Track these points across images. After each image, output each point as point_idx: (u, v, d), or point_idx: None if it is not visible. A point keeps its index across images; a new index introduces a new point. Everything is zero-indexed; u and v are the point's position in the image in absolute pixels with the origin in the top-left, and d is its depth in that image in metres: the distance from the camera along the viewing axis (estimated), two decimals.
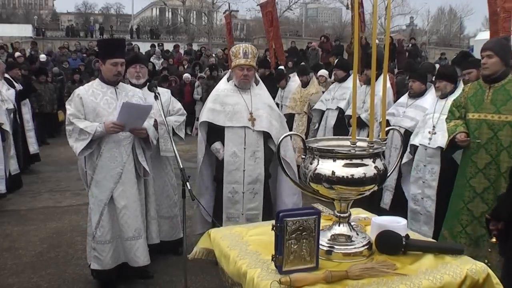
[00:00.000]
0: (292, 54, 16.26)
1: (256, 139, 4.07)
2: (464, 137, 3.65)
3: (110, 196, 3.70)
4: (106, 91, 3.73)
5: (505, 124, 3.50)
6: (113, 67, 3.66)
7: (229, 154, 4.06)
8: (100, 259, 3.73)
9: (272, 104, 4.31)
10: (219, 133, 4.11)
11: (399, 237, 2.13)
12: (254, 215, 4.08)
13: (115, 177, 3.69)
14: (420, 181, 4.49)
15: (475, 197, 3.63)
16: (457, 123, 3.76)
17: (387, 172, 2.15)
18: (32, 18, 48.25)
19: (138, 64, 4.32)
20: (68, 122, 3.65)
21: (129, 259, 3.79)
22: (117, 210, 3.71)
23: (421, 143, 4.46)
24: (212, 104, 4.16)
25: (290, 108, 7.79)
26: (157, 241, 4.13)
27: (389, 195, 5.20)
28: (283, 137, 2.30)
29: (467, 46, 27.50)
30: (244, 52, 4.06)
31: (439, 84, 4.55)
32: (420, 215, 4.48)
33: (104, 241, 3.72)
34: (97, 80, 3.82)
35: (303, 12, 54.47)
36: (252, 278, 1.95)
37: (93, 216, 3.74)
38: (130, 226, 3.73)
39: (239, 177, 4.05)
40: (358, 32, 2.25)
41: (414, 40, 19.16)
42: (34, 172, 8.36)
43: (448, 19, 53.26)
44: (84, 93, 3.69)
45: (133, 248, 3.75)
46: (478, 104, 3.66)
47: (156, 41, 25.15)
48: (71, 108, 3.66)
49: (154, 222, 4.12)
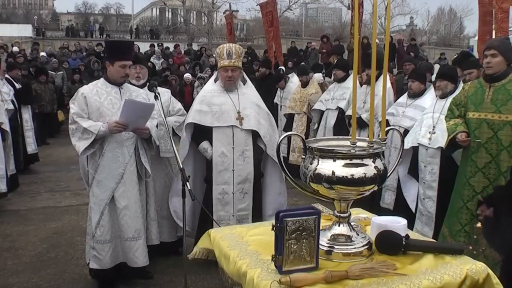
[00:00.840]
0: (292, 54, 16.28)
1: (244, 138, 4.06)
2: (465, 137, 3.64)
3: (111, 196, 3.70)
4: (111, 91, 3.74)
5: (505, 123, 3.50)
6: (122, 69, 3.69)
7: (218, 155, 4.03)
8: (99, 259, 3.73)
9: (260, 102, 4.27)
10: (206, 134, 4.08)
11: (399, 237, 2.13)
12: (244, 216, 4.07)
13: (116, 177, 3.69)
14: (422, 181, 4.48)
15: (475, 196, 3.63)
16: (457, 122, 3.75)
17: (387, 172, 2.15)
18: (32, 18, 48.20)
19: (138, 64, 4.26)
20: (71, 120, 3.65)
21: (128, 259, 3.79)
22: (118, 210, 3.71)
23: (421, 143, 4.45)
24: (199, 106, 4.11)
25: (290, 108, 7.79)
26: (157, 242, 4.10)
27: (391, 195, 5.20)
28: (283, 137, 2.29)
29: (467, 46, 27.49)
30: (228, 53, 4.02)
31: (440, 83, 4.52)
32: (422, 215, 4.48)
33: (103, 240, 3.72)
34: (101, 80, 3.81)
35: (303, 12, 54.46)
36: (252, 278, 1.95)
37: (93, 215, 3.74)
38: (130, 226, 3.73)
39: (228, 177, 4.03)
40: (359, 32, 2.25)
41: (414, 40, 19.13)
42: (33, 172, 8.36)
43: (448, 19, 53.24)
44: (88, 92, 3.69)
45: (132, 248, 3.75)
46: (479, 103, 3.65)
47: (156, 41, 25.16)
48: (74, 107, 3.66)
49: (154, 223, 4.06)
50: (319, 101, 7.08)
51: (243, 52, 4.39)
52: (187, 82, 13.27)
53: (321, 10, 65.36)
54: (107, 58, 3.85)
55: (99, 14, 65.31)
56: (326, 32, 30.98)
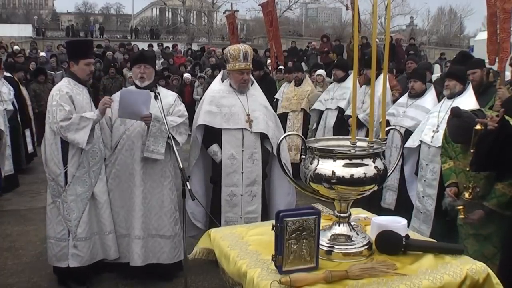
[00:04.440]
0: (292, 54, 16.26)
1: (253, 140, 4.05)
2: (453, 192, 3.52)
3: (92, 192, 3.76)
4: (83, 90, 3.84)
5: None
6: (87, 67, 3.81)
7: (227, 157, 4.01)
8: (80, 256, 3.74)
9: (266, 104, 4.27)
10: (215, 135, 4.06)
11: (399, 237, 2.13)
12: (253, 219, 4.05)
13: (96, 172, 3.78)
14: (422, 179, 4.49)
15: None
16: (451, 167, 3.62)
17: (387, 172, 2.15)
18: (32, 18, 48.20)
19: (143, 64, 3.92)
20: (63, 118, 3.57)
21: (107, 254, 3.87)
22: (99, 205, 3.80)
23: (423, 141, 4.44)
24: (209, 106, 4.08)
25: (283, 107, 7.80)
26: (138, 263, 3.83)
27: (392, 195, 5.21)
28: (282, 137, 2.29)
29: (467, 46, 27.46)
30: (244, 56, 3.98)
31: (449, 83, 4.44)
32: (420, 213, 4.49)
33: (85, 237, 3.75)
34: (70, 79, 3.80)
35: (303, 12, 54.51)
36: (252, 278, 1.95)
37: (72, 214, 3.73)
38: (111, 220, 3.85)
39: (237, 179, 4.02)
40: (358, 32, 2.25)
41: (413, 40, 19.15)
42: (33, 172, 8.35)
43: (448, 19, 53.24)
44: (70, 91, 3.73)
45: (112, 241, 3.85)
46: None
47: (156, 41, 25.16)
48: (66, 105, 3.62)
49: (139, 242, 3.83)
50: (318, 101, 7.08)
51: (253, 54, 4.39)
52: (187, 82, 13.27)
53: (321, 10, 65.36)
54: (70, 58, 3.98)
55: (99, 14, 65.31)
56: (326, 32, 30.96)
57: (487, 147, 2.71)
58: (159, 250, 3.91)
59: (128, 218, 3.88)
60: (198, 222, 4.25)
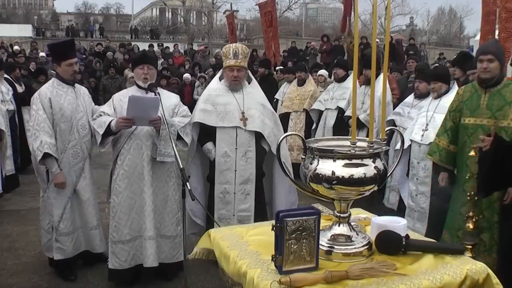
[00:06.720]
0: (292, 54, 16.27)
1: (248, 139, 4.06)
2: (444, 179, 3.73)
3: (73, 190, 3.97)
4: (67, 90, 3.95)
5: (500, 129, 3.44)
6: (69, 67, 3.92)
7: (221, 154, 4.04)
8: (64, 249, 3.97)
9: (265, 102, 4.26)
10: (210, 133, 4.09)
11: (399, 237, 2.13)
12: (246, 217, 4.07)
13: (77, 171, 3.98)
14: (414, 178, 4.53)
15: (468, 202, 3.61)
16: (439, 145, 3.76)
17: (387, 172, 2.15)
18: (32, 18, 48.23)
19: (146, 64, 3.88)
20: (35, 122, 3.81)
21: (91, 247, 4.11)
22: (82, 202, 4.01)
23: (414, 140, 4.50)
24: (204, 104, 4.12)
25: (285, 107, 7.79)
26: (155, 264, 3.82)
27: (395, 196, 5.24)
28: (282, 137, 2.29)
29: (467, 46, 27.46)
30: (234, 53, 4.02)
31: (434, 85, 4.64)
32: (414, 212, 4.52)
33: (67, 232, 3.96)
34: (55, 80, 3.98)
35: (303, 12, 54.50)
36: (252, 278, 1.95)
37: (55, 210, 3.94)
38: (95, 216, 4.08)
39: (230, 177, 4.04)
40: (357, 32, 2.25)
41: (413, 40, 19.12)
42: (33, 172, 8.32)
43: (448, 19, 53.23)
44: (50, 93, 3.87)
45: (96, 237, 4.10)
46: (474, 109, 3.59)
47: (156, 41, 25.15)
48: (40, 111, 3.82)
49: (152, 243, 3.79)
50: (318, 101, 7.09)
51: (249, 53, 4.41)
52: (187, 82, 13.26)
53: (321, 10, 65.45)
54: (53, 61, 4.18)
55: (99, 14, 65.28)
56: (326, 32, 30.97)
57: (488, 167, 2.69)
58: (159, 249, 3.90)
59: (139, 219, 3.79)
60: (198, 219, 4.27)
